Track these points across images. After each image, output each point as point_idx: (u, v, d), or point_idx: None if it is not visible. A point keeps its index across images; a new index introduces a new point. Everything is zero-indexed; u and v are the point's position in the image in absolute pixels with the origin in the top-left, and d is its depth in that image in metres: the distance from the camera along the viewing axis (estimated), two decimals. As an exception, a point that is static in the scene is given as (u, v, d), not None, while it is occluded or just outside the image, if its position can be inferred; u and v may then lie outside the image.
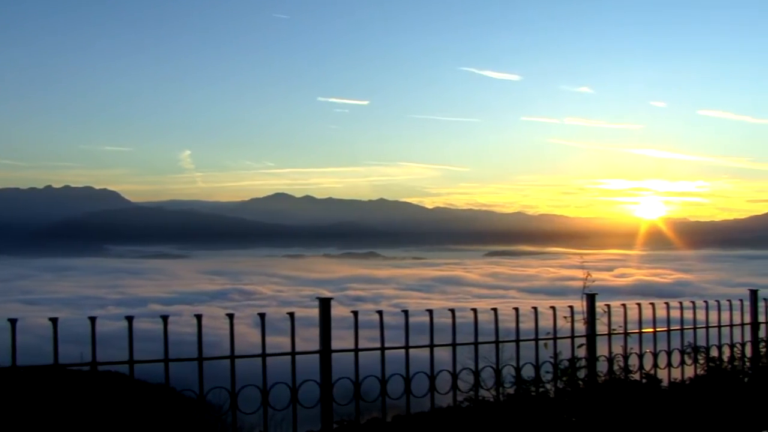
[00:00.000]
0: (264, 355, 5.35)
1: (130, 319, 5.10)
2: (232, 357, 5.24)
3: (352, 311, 5.75)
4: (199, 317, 5.22)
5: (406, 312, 5.85)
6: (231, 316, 5.32)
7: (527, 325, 6.46)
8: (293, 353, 5.46)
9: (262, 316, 5.39)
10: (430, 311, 5.95)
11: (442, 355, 6.06)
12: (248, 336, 5.63)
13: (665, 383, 7.64)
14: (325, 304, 5.56)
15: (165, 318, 5.11)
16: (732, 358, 8.10)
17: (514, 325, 6.41)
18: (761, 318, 8.28)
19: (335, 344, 5.69)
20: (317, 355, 5.61)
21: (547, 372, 6.68)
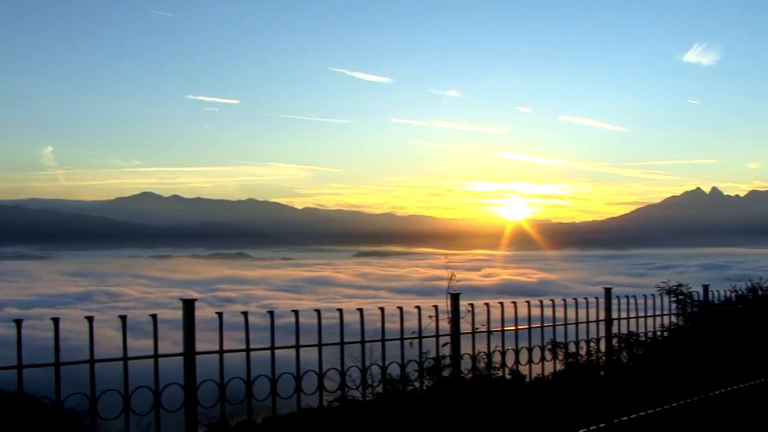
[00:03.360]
0: (125, 359, 5.19)
1: (-20, 324, 4.87)
2: (92, 361, 5.05)
3: (217, 312, 5.66)
4: (56, 321, 5.01)
5: (271, 313, 5.81)
6: (90, 319, 5.14)
7: (395, 324, 6.53)
8: (156, 356, 5.33)
9: (123, 318, 5.23)
10: (296, 312, 5.93)
11: (310, 355, 6.06)
12: (114, 340, 5.44)
13: (529, 379, 7.89)
14: (189, 305, 5.45)
15: (18, 322, 4.88)
16: (589, 353, 8.46)
17: (386, 325, 6.47)
18: (614, 315, 8.69)
19: (203, 346, 5.58)
20: (182, 358, 5.50)
21: (415, 371, 6.77)
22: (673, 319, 10.14)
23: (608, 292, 8.70)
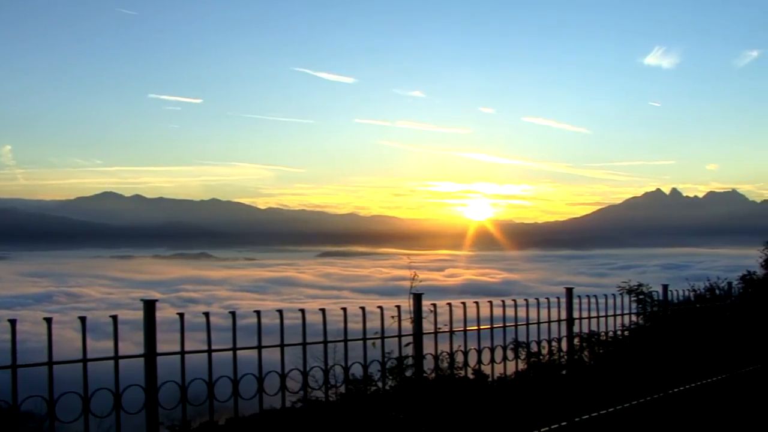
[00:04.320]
0: (85, 360, 5.12)
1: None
2: (50, 363, 4.98)
3: (178, 313, 5.61)
4: (12, 322, 4.92)
5: (233, 314, 5.77)
6: (49, 321, 5.05)
7: (358, 325, 6.52)
8: (116, 357, 5.26)
9: (82, 319, 5.16)
10: (258, 312, 5.90)
11: (273, 356, 6.03)
12: (74, 341, 5.36)
13: (492, 378, 7.92)
14: (149, 306, 5.39)
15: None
16: (551, 352, 8.52)
17: (350, 325, 6.46)
18: (576, 314, 8.77)
19: (165, 347, 5.52)
20: (143, 359, 5.44)
21: (378, 371, 6.76)
22: (634, 318, 10.24)
23: (569, 292, 8.77)
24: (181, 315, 5.68)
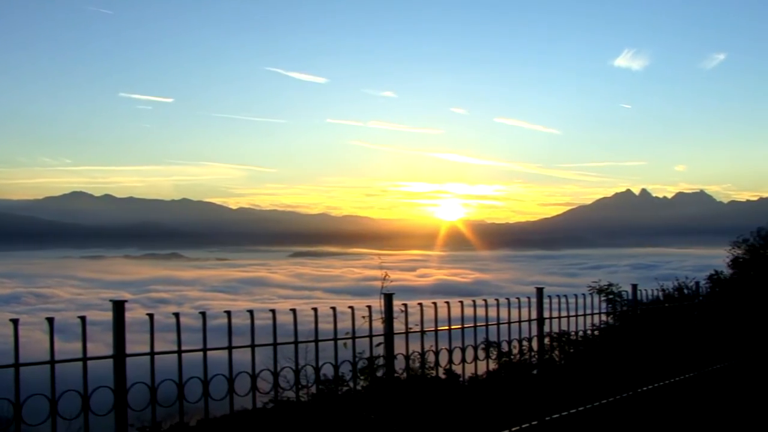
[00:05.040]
0: (52, 362, 5.06)
1: None
2: (17, 365, 4.91)
3: (148, 314, 5.57)
4: (-22, 324, 4.88)
5: (203, 314, 5.74)
6: (15, 322, 4.99)
7: (330, 325, 6.51)
8: (84, 359, 5.20)
9: (50, 320, 5.09)
10: (229, 312, 5.87)
11: (244, 356, 6.00)
12: (43, 343, 5.29)
13: (464, 378, 7.94)
14: (118, 306, 5.34)
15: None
16: (521, 352, 8.56)
17: (322, 326, 6.44)
18: (546, 314, 8.82)
19: (135, 348, 5.47)
20: (111, 361, 5.39)
21: (349, 371, 6.76)
22: (604, 318, 10.33)
23: (540, 291, 8.82)
24: (151, 315, 5.63)
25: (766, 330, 13.20)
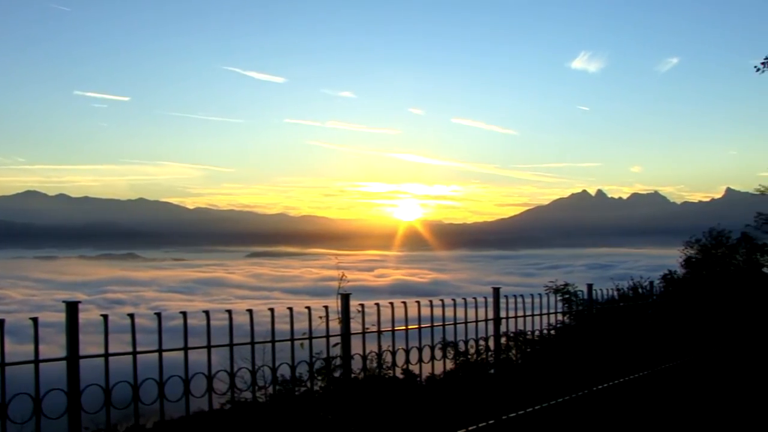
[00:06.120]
0: (2, 365, 4.97)
1: None
2: (-34, 368, 4.83)
3: (102, 315, 5.49)
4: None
5: (158, 315, 5.69)
6: (-35, 324, 4.91)
7: (287, 326, 6.49)
8: (36, 361, 5.12)
9: (1, 322, 4.99)
10: (184, 313, 5.82)
11: (200, 357, 5.96)
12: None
13: (421, 378, 7.97)
14: (71, 308, 5.26)
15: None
16: (478, 351, 8.61)
17: (281, 326, 6.42)
18: (503, 314, 8.89)
19: (90, 350, 5.40)
20: (65, 363, 5.31)
21: (306, 371, 6.75)
22: (560, 317, 10.43)
23: (497, 291, 8.88)
24: (105, 317, 5.56)
25: (716, 328, 13.45)
